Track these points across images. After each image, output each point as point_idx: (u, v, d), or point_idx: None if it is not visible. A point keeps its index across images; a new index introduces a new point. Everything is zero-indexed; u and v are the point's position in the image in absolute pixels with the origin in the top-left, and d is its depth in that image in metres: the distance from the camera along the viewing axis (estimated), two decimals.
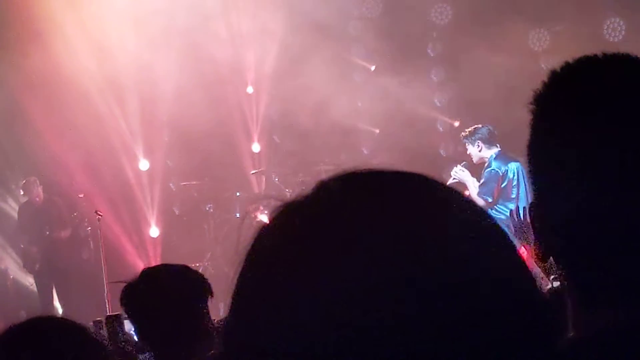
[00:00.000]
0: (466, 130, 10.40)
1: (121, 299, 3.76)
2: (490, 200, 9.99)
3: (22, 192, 13.59)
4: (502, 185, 10.05)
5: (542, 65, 13.79)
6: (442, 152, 14.01)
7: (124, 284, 3.77)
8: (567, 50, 13.07)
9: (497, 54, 12.91)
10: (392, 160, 14.12)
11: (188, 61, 13.68)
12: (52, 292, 13.46)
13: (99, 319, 7.80)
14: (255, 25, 14.29)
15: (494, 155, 10.13)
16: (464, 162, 10.37)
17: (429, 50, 14.32)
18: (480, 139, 10.16)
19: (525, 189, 9.69)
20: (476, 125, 10.33)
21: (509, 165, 10.04)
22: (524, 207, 4.90)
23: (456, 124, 14.13)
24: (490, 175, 10.09)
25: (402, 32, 14.03)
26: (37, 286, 13.52)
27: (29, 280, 13.85)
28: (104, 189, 13.99)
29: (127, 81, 14.03)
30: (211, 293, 3.71)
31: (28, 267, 13.49)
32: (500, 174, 10.03)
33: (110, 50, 13.83)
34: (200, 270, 4.49)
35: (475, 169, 10.38)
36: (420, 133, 13.84)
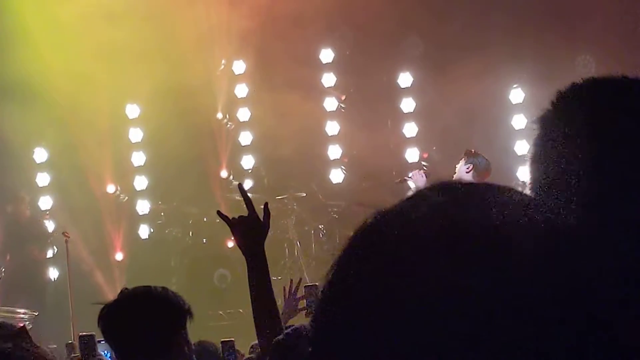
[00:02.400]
0: (472, 150, 10.30)
1: (99, 319, 3.73)
2: None
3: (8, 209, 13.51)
4: None
5: (510, 99, 13.94)
6: (409, 181, 14.06)
7: (99, 305, 3.74)
8: (538, 83, 13.12)
9: (465, 85, 13.02)
10: (361, 188, 14.19)
11: (158, 85, 13.67)
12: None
13: (70, 341, 7.75)
14: (227, 51, 14.35)
15: None
16: (425, 170, 10.38)
17: (398, 81, 14.41)
18: (474, 162, 10.10)
19: None
20: (481, 154, 10.25)
21: None
22: None
23: (425, 154, 14.20)
24: None
25: (373, 63, 14.12)
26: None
27: None
28: (70, 210, 13.91)
29: (97, 101, 13.99)
30: (191, 315, 3.69)
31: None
32: None
33: (80, 70, 13.80)
34: None
35: None
36: (388, 163, 13.91)
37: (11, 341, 2.64)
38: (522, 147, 13.84)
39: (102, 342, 5.60)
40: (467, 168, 10.08)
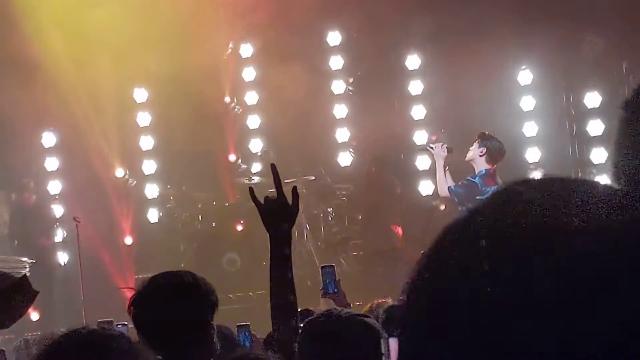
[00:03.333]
0: (486, 132, 10.21)
1: (130, 306, 3.73)
2: (455, 201, 9.93)
3: (12, 197, 13.54)
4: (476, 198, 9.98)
5: (519, 81, 13.90)
6: (417, 165, 14.04)
7: (126, 290, 3.77)
8: (541, 65, 13.13)
9: (475, 68, 12.99)
10: (368, 173, 14.19)
11: (166, 69, 13.66)
12: None
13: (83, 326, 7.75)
14: (234, 33, 14.33)
15: (483, 172, 9.97)
16: (450, 147, 10.29)
17: (406, 64, 14.37)
18: (488, 146, 10.00)
19: None
20: (495, 137, 10.15)
21: (489, 189, 9.86)
22: None
23: (433, 137, 14.18)
24: (473, 184, 9.95)
25: (380, 45, 14.10)
26: None
27: None
28: (80, 195, 13.95)
29: (105, 85, 14.01)
30: (217, 304, 3.71)
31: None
32: (480, 190, 9.92)
33: (88, 54, 13.81)
34: None
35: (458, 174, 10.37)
36: (397, 146, 13.90)
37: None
38: (531, 128, 13.81)
39: (119, 325, 5.63)
40: (481, 152, 10.01)
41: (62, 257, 13.62)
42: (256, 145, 14.68)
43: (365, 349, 3.46)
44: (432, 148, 10.39)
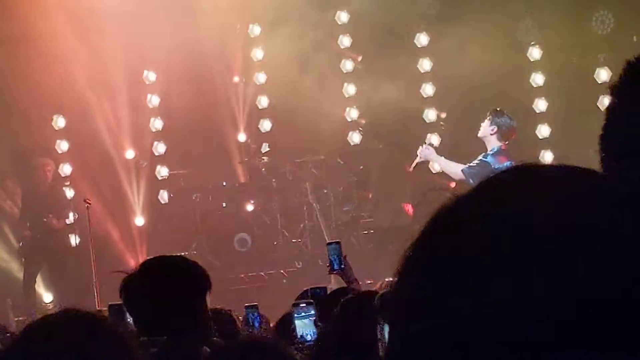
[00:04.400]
0: (498, 108, 10.18)
1: (121, 290, 3.77)
2: (470, 182, 9.90)
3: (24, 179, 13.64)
4: None
5: (529, 57, 13.84)
6: (427, 142, 14.01)
7: (121, 274, 3.78)
8: (555, 42, 13.13)
9: (484, 45, 12.95)
10: (378, 152, 14.18)
11: (175, 49, 13.65)
12: (35, 279, 13.43)
13: (99, 308, 7.82)
14: (242, 14, 14.30)
15: (495, 149, 9.94)
16: (430, 142, 10.39)
17: (415, 42, 14.33)
18: (499, 124, 9.97)
19: None
20: (506, 113, 10.13)
21: (502, 166, 9.84)
22: None
23: (443, 115, 14.15)
24: (485, 164, 9.92)
25: (389, 23, 14.05)
26: (24, 272, 13.47)
27: (13, 267, 13.82)
28: (90, 177, 13.97)
29: (114, 68, 14.00)
30: (209, 286, 3.74)
31: (22, 251, 13.48)
32: (492, 168, 9.89)
33: (96, 36, 13.81)
34: None
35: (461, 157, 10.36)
36: (407, 124, 13.87)
37: None
38: (541, 105, 13.77)
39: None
40: (492, 130, 9.96)
41: (74, 239, 13.65)
42: (265, 125, 14.68)
43: None
44: (420, 158, 10.50)
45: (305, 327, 4.62)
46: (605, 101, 14.02)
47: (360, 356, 3.47)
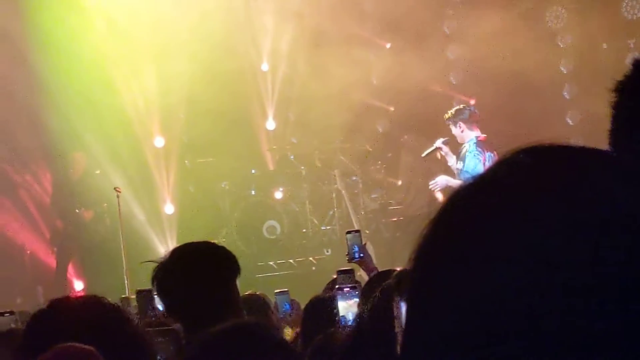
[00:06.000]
0: (448, 112, 10.38)
1: (152, 278, 3.81)
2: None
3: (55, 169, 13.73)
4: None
5: (559, 44, 13.76)
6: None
7: (152, 263, 3.82)
8: (584, 28, 13.04)
9: (514, 32, 12.88)
10: (406, 139, 14.14)
11: (204, 38, 13.68)
12: (67, 267, 13.54)
13: (124, 295, 7.87)
14: (272, 2, 14.30)
15: (474, 140, 10.05)
16: (447, 138, 10.43)
17: (445, 28, 14.28)
18: (462, 120, 10.15)
19: None
20: (458, 107, 10.36)
21: (487, 154, 9.94)
22: None
23: (472, 102, 14.10)
24: (475, 160, 9.98)
25: (418, 10, 14.00)
26: (57, 261, 13.59)
27: (43, 255, 13.93)
28: (120, 166, 14.04)
29: (143, 57, 14.05)
30: (239, 270, 3.77)
31: (53, 241, 13.60)
32: (481, 158, 9.96)
33: (126, 25, 13.86)
34: None
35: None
36: (436, 111, 13.81)
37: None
38: (571, 91, 13.70)
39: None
40: (460, 129, 10.13)
41: (104, 228, 13.74)
42: (294, 113, 14.69)
43: None
44: (438, 147, 10.55)
45: (348, 309, 4.64)
46: None
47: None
